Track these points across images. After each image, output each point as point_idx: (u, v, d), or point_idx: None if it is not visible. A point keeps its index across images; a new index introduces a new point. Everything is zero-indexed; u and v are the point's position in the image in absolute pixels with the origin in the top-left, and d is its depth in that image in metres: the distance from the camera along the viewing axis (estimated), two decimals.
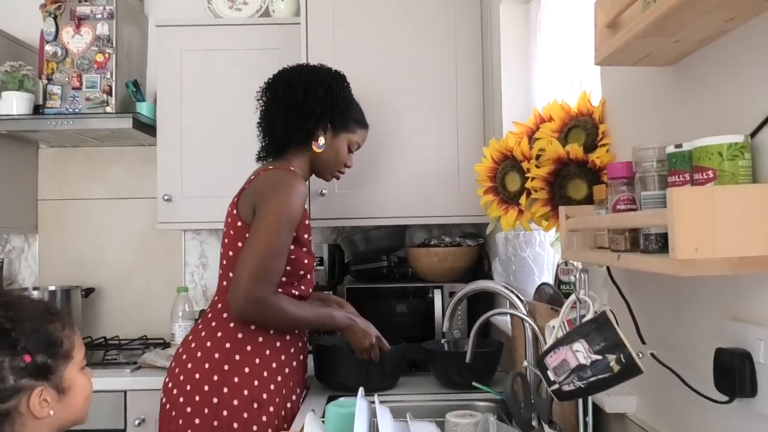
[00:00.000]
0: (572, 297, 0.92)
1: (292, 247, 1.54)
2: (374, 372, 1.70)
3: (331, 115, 1.65)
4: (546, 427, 1.10)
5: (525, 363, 1.18)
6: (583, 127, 1.22)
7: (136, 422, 2.00)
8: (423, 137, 2.16)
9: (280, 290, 1.53)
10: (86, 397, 1.02)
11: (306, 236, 1.61)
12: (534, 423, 1.15)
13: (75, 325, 1.04)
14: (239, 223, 1.56)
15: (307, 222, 1.61)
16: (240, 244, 1.54)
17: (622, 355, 0.78)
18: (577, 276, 0.92)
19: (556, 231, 1.26)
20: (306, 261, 1.60)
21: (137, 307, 2.61)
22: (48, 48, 2.33)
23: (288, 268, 1.54)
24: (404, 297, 2.20)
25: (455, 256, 2.21)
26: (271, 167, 1.61)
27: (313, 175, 1.76)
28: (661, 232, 0.77)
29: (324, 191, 2.14)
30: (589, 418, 0.94)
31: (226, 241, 1.60)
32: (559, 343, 0.83)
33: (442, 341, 1.93)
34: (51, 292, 2.40)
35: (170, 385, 1.55)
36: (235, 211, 1.59)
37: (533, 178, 1.21)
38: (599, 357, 0.79)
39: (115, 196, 2.65)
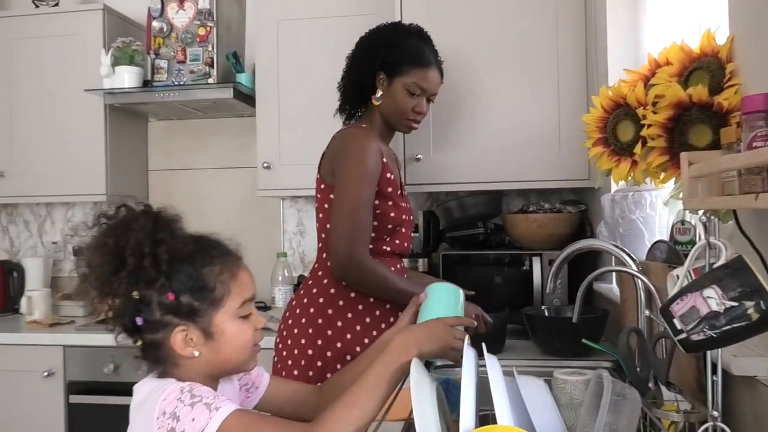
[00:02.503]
0: (701, 242, 0.84)
1: (376, 201, 1.56)
2: (476, 341, 1.66)
3: (377, 66, 1.63)
4: (663, 388, 1.03)
5: (646, 312, 1.10)
6: (707, 68, 1.12)
7: None
8: (521, 98, 2.08)
9: (371, 246, 1.55)
10: (241, 346, 0.95)
11: (389, 189, 1.60)
12: (650, 384, 1.08)
13: (240, 272, 0.97)
14: (322, 186, 1.62)
15: (389, 175, 1.60)
16: (326, 206, 1.60)
17: (762, 302, 0.70)
18: (705, 219, 0.84)
19: (675, 182, 1.17)
20: (393, 215, 1.60)
21: None
22: (154, 24, 2.44)
23: (375, 222, 1.56)
24: (501, 264, 2.14)
25: (555, 223, 2.12)
26: (344, 129, 1.67)
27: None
28: None
29: (419, 156, 2.11)
30: (718, 378, 0.87)
31: (316, 204, 1.68)
32: (686, 290, 0.76)
33: (543, 308, 1.87)
34: None
35: (279, 345, 1.63)
36: (318, 175, 1.65)
37: (650, 125, 1.13)
38: (735, 304, 0.72)
39: (218, 166, 2.76)
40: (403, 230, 1.67)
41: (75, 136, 2.49)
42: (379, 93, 1.64)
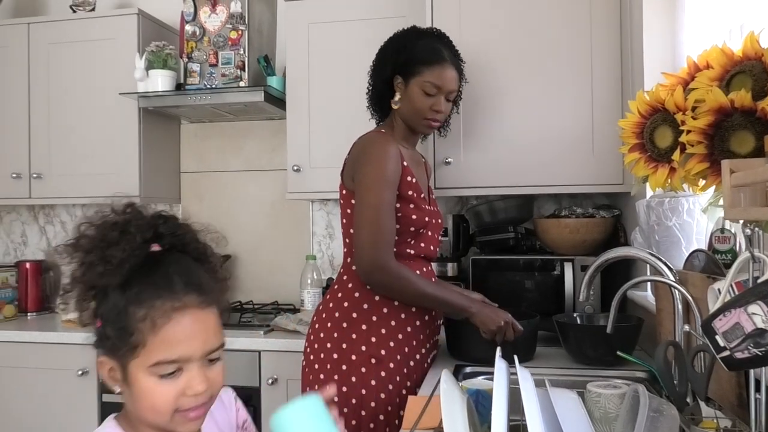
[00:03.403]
0: (744, 255, 0.81)
1: (397, 205, 1.56)
2: (507, 348, 1.62)
3: (392, 70, 1.64)
4: (702, 404, 0.99)
5: (685, 328, 1.07)
6: (750, 72, 1.08)
7: (269, 381, 2.10)
8: (554, 101, 2.04)
9: (395, 249, 1.56)
10: (152, 407, 0.81)
11: (410, 193, 1.59)
12: (688, 399, 1.04)
13: (168, 327, 0.80)
14: (344, 191, 1.64)
15: (410, 179, 1.60)
16: (349, 211, 1.61)
17: None
18: (749, 232, 0.81)
19: (715, 191, 1.13)
20: (414, 217, 1.60)
21: (269, 274, 2.74)
22: (187, 28, 2.47)
23: (397, 226, 1.57)
24: (531, 269, 2.11)
25: (588, 228, 2.08)
26: (363, 135, 1.67)
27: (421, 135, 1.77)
28: None
29: (449, 159, 2.10)
30: (762, 395, 0.83)
31: (340, 210, 1.69)
32: (730, 305, 0.73)
33: (575, 315, 1.84)
34: None
35: (307, 349, 1.64)
36: (341, 181, 1.67)
37: (689, 131, 1.09)
38: None
39: (248, 168, 2.78)
40: (429, 233, 1.66)
41: (110, 139, 2.54)
42: (397, 96, 1.64)
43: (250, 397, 2.11)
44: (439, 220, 1.73)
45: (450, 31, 1.90)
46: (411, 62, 1.61)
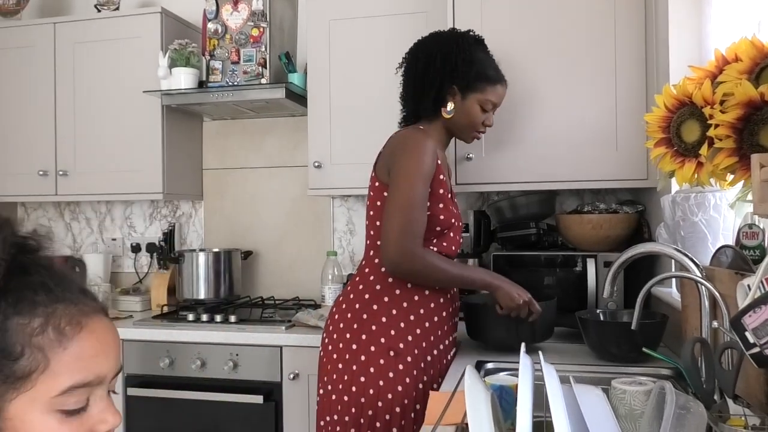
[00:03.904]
0: None
1: (428, 203, 1.58)
2: (525, 327, 1.69)
3: (451, 79, 1.65)
4: (730, 401, 0.98)
5: (714, 324, 1.05)
6: None
7: (291, 376, 2.11)
8: (576, 95, 2.02)
9: None
10: None
11: (441, 191, 1.62)
12: (716, 397, 1.03)
13: (84, 334, 0.61)
14: (377, 183, 1.65)
15: (441, 177, 1.63)
16: (378, 203, 1.63)
17: None
18: None
19: (743, 185, 1.11)
20: (442, 217, 1.62)
21: (290, 270, 2.76)
22: (210, 26, 2.49)
23: None
24: (553, 266, 2.10)
25: (611, 224, 2.06)
26: (400, 130, 1.71)
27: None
28: None
29: (471, 155, 2.09)
30: None
31: (368, 203, 1.70)
32: (760, 302, 0.72)
33: (597, 311, 1.82)
34: (215, 254, 2.60)
35: (326, 340, 1.66)
36: (373, 174, 1.68)
37: (717, 125, 1.08)
38: None
39: (270, 165, 2.80)
40: (452, 234, 1.68)
41: (134, 137, 2.57)
42: (451, 106, 1.67)
43: (271, 392, 2.13)
44: (460, 222, 1.75)
45: (471, 27, 1.90)
46: (476, 78, 1.66)
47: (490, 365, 1.64)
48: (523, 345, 0.96)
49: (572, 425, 0.85)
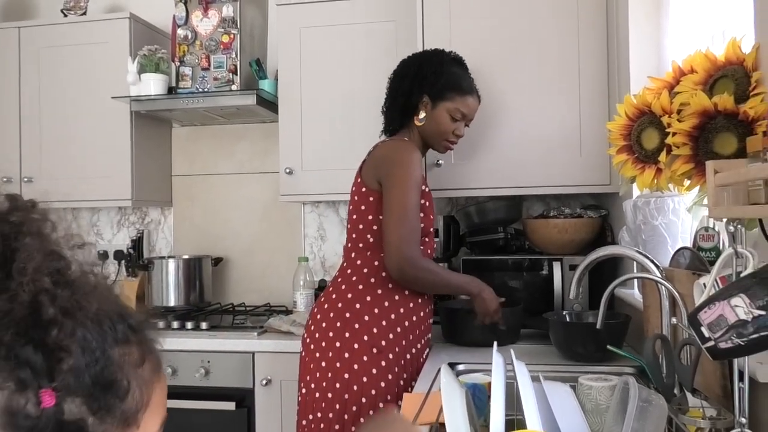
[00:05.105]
0: (727, 251, 0.85)
1: None
2: (497, 330, 1.83)
3: (421, 88, 1.74)
4: (689, 394, 1.04)
5: (673, 320, 1.11)
6: (732, 76, 1.13)
7: (263, 382, 2.12)
8: (542, 104, 2.09)
9: None
10: None
11: (424, 201, 1.72)
12: (676, 391, 1.09)
13: (162, 367, 0.54)
14: (363, 189, 1.71)
15: (425, 188, 1.74)
16: (363, 207, 1.70)
17: None
18: (732, 229, 0.85)
19: (699, 190, 1.18)
20: (423, 225, 1.71)
21: (261, 276, 2.76)
22: (179, 32, 2.49)
23: None
24: (520, 269, 2.15)
25: (576, 228, 2.13)
26: (387, 140, 1.79)
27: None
28: None
29: (440, 161, 2.13)
30: (745, 385, 0.88)
31: (351, 206, 1.76)
32: (714, 299, 0.77)
33: (564, 312, 1.88)
34: (185, 261, 2.59)
35: (307, 339, 1.71)
36: (359, 179, 1.74)
37: (675, 133, 1.14)
38: (762, 312, 0.73)
39: (241, 171, 2.80)
40: (427, 239, 1.77)
41: (102, 143, 2.55)
42: (422, 114, 1.76)
43: (243, 398, 2.13)
44: (434, 228, 1.83)
45: (440, 36, 1.95)
46: (444, 87, 1.74)
47: (461, 366, 1.68)
48: (495, 344, 1.00)
49: (542, 419, 0.89)
